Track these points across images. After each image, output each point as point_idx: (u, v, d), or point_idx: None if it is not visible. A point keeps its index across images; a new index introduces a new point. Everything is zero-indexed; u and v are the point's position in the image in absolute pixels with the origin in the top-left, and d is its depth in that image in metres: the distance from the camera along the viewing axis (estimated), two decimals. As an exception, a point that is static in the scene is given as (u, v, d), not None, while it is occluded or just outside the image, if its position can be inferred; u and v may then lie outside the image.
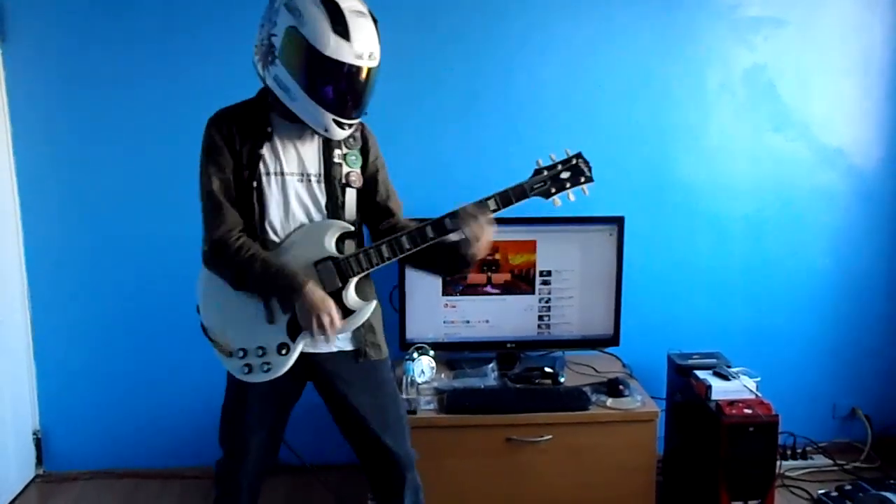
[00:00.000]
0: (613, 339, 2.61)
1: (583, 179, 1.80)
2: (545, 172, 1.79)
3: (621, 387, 2.38)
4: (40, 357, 2.76)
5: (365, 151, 1.85)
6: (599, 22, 2.67)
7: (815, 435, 2.87)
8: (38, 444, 2.80)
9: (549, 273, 2.56)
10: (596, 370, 2.59)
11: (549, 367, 2.50)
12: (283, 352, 1.74)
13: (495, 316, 2.57)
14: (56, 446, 2.81)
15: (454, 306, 2.56)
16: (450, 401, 2.33)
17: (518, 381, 2.48)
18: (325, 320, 1.67)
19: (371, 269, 1.76)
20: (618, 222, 2.53)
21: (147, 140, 2.64)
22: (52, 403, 2.79)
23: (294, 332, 1.74)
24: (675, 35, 2.70)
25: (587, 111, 2.71)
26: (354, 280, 1.76)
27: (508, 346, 2.60)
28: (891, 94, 2.79)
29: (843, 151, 2.81)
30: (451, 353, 2.61)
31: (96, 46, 2.59)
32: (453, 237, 1.78)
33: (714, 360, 2.51)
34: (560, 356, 2.64)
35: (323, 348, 1.79)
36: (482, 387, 2.43)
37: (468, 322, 2.57)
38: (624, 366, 2.65)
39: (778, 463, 2.48)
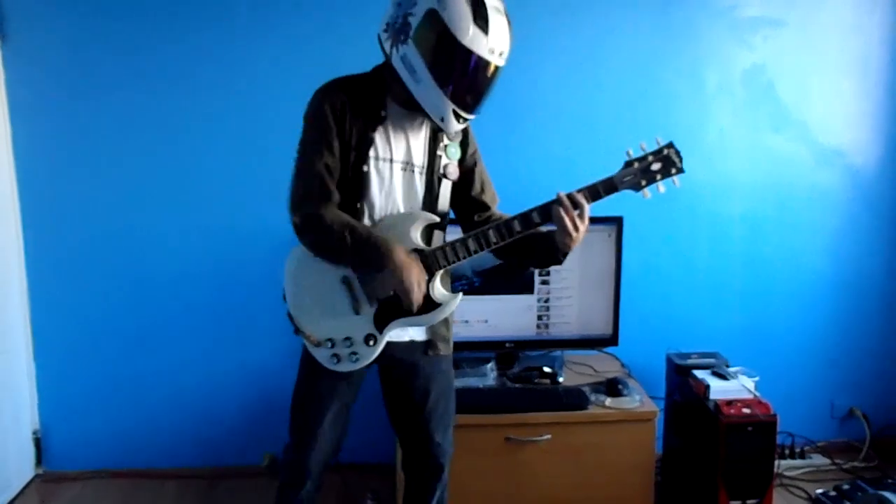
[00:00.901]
0: (612, 339, 2.61)
1: (674, 171, 1.73)
2: (635, 164, 1.72)
3: (620, 386, 2.39)
4: (40, 357, 2.76)
5: (464, 144, 1.85)
6: (598, 22, 2.68)
7: (813, 434, 2.87)
8: (38, 443, 2.79)
9: (547, 273, 2.56)
10: (595, 370, 2.60)
11: (547, 366, 2.51)
12: (371, 343, 1.74)
13: (494, 315, 2.58)
14: (55, 446, 2.81)
15: (453, 306, 2.56)
16: (449, 400, 2.33)
17: (517, 380, 2.48)
18: (415, 287, 1.66)
19: (458, 263, 1.74)
20: (617, 222, 2.53)
21: (147, 140, 2.64)
22: (51, 403, 2.78)
23: (381, 322, 1.74)
24: (674, 35, 2.70)
25: (586, 111, 2.71)
26: (440, 273, 1.76)
27: (507, 345, 2.60)
28: (889, 95, 2.79)
29: (842, 151, 2.81)
30: (450, 353, 2.62)
31: (96, 46, 2.59)
32: (544, 228, 1.75)
33: (713, 360, 2.52)
34: (559, 356, 2.65)
35: (395, 337, 1.80)
36: (481, 386, 2.44)
37: (467, 322, 2.57)
38: (623, 365, 2.66)
39: (776, 462, 2.49)
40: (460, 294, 1.79)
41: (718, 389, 2.35)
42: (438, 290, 1.76)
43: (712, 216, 2.81)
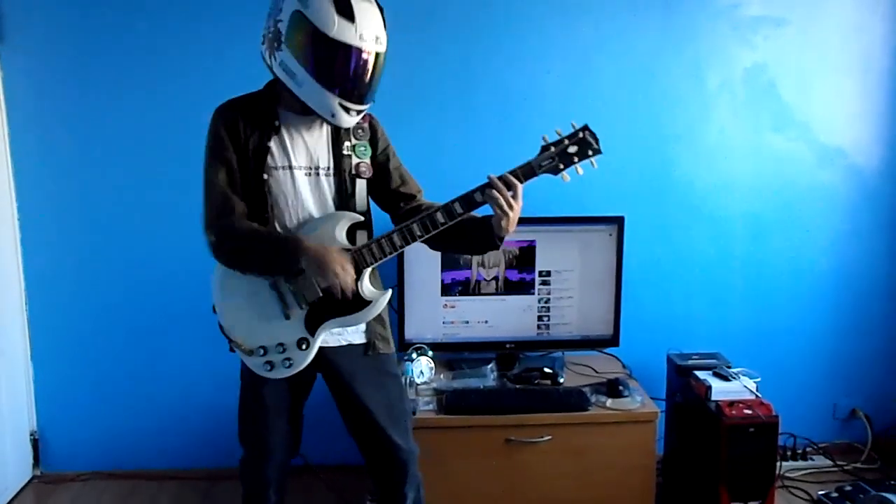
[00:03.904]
0: (613, 340, 2.60)
1: (590, 152, 1.75)
2: (552, 149, 1.75)
3: (621, 387, 2.38)
4: (37, 358, 2.75)
5: (374, 142, 1.86)
6: (600, 21, 2.67)
7: (815, 436, 2.86)
8: (36, 444, 2.79)
9: (548, 273, 2.55)
10: (595, 371, 2.59)
11: (548, 367, 2.50)
12: (304, 347, 1.75)
13: (494, 316, 2.57)
14: (53, 447, 2.80)
15: (453, 306, 2.55)
16: (449, 401, 2.32)
17: (517, 381, 2.47)
18: (338, 269, 1.66)
19: (385, 259, 1.75)
20: (617, 222, 2.52)
21: (144, 141, 2.63)
22: (49, 404, 2.78)
23: (312, 326, 1.74)
24: (675, 34, 2.69)
25: (587, 111, 2.66)
26: (369, 271, 1.76)
27: (508, 346, 2.59)
28: (891, 94, 2.78)
29: (844, 151, 2.80)
30: (450, 354, 2.61)
31: (94, 47, 2.58)
32: (477, 214, 1.76)
33: (714, 361, 2.51)
34: (559, 357, 2.64)
35: (333, 342, 1.80)
36: (481, 387, 2.42)
37: (467, 322, 2.56)
38: (623, 366, 2.65)
39: (778, 464, 2.48)
40: (389, 291, 1.80)
41: (720, 390, 2.34)
42: (368, 287, 1.77)
43: (713, 216, 2.79)
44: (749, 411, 2.27)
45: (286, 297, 1.74)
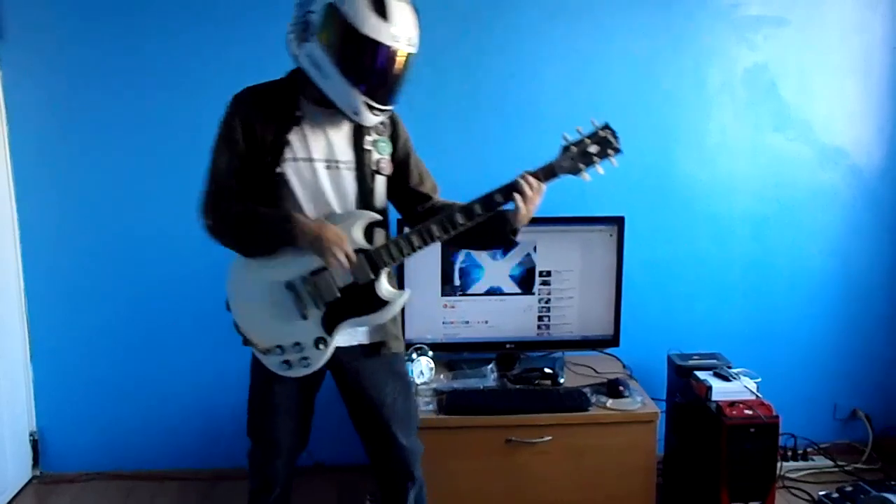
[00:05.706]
0: (613, 340, 2.60)
1: (611, 151, 1.73)
2: (573, 149, 1.73)
3: (621, 387, 2.37)
4: (37, 358, 2.75)
5: (395, 138, 1.84)
6: (600, 21, 2.66)
7: (815, 436, 2.86)
8: (35, 445, 2.78)
9: (548, 273, 2.55)
10: (596, 371, 2.58)
11: (548, 367, 2.49)
12: (321, 346, 1.74)
13: (494, 316, 2.56)
14: (53, 448, 2.80)
15: (453, 307, 2.55)
16: (449, 402, 2.32)
17: (517, 381, 2.46)
18: (334, 242, 1.65)
19: (402, 259, 1.74)
20: (618, 222, 2.52)
21: (144, 141, 2.63)
22: (48, 405, 2.77)
23: (330, 325, 1.73)
24: (675, 34, 2.69)
25: (588, 111, 2.63)
26: (386, 271, 1.75)
27: (508, 346, 2.58)
28: (892, 94, 2.78)
29: (844, 151, 2.80)
30: (450, 354, 2.60)
31: (94, 46, 2.58)
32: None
33: (714, 361, 2.50)
34: (560, 357, 2.63)
35: (343, 342, 1.79)
36: (481, 388, 2.42)
37: (467, 323, 2.56)
38: (624, 366, 2.64)
39: (778, 464, 2.47)
40: (408, 291, 1.79)
41: (720, 390, 2.34)
42: (385, 288, 1.75)
43: (714, 216, 2.79)
44: (749, 412, 2.27)
45: (303, 297, 1.72)
